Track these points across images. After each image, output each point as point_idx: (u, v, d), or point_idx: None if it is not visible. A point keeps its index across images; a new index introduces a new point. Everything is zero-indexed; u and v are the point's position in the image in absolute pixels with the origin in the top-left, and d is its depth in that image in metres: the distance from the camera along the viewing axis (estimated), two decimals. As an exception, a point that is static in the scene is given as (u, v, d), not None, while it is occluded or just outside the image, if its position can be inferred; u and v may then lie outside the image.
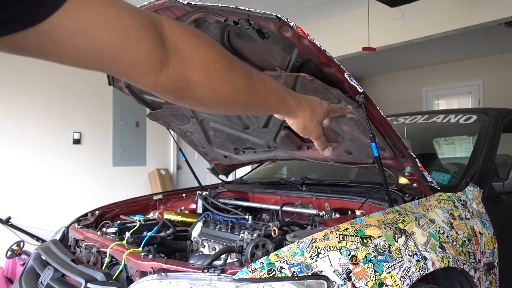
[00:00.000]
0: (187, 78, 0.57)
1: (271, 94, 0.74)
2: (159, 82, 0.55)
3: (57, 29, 0.42)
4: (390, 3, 3.92)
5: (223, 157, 2.57)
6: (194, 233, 1.96)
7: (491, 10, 4.04)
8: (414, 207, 1.63)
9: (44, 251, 1.81)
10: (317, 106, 0.87)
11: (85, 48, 0.46)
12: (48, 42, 0.43)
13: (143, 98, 2.26)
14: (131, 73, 0.52)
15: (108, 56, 0.48)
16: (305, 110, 0.84)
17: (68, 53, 0.46)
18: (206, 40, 0.60)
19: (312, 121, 0.86)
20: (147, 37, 0.51)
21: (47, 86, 4.67)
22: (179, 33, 0.56)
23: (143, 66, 0.52)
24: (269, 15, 1.26)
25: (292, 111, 0.82)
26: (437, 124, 2.56)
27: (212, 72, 0.60)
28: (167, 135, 5.60)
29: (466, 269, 1.59)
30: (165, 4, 1.41)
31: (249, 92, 0.68)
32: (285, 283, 1.12)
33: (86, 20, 0.44)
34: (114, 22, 0.47)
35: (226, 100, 0.65)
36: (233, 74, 0.64)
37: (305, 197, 2.09)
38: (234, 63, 0.65)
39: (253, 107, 0.73)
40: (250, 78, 0.68)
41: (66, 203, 4.67)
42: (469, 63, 7.18)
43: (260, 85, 0.71)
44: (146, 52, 0.51)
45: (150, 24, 0.52)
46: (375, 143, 1.50)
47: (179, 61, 0.56)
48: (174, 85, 0.57)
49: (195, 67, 0.58)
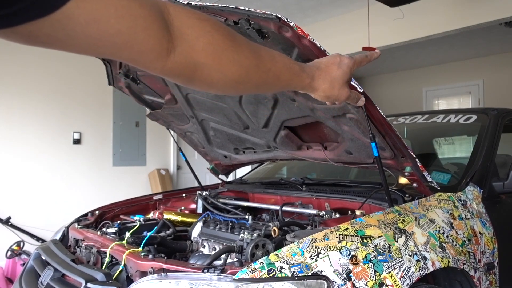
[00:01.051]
0: (194, 62, 0.59)
1: (282, 71, 0.73)
2: (167, 67, 0.57)
3: (70, 19, 0.44)
4: (390, 3, 3.92)
5: (223, 157, 2.57)
6: (194, 233, 1.96)
7: (491, 10, 4.04)
8: (414, 207, 1.63)
9: (44, 251, 1.81)
10: (335, 69, 0.84)
11: (97, 37, 0.47)
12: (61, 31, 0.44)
13: (143, 98, 2.26)
14: (140, 60, 0.54)
15: (119, 45, 0.50)
16: (322, 81, 0.82)
17: (80, 42, 0.47)
18: (212, 23, 0.61)
19: (333, 89, 0.83)
20: (153, 25, 0.52)
21: (47, 86, 4.67)
22: (185, 18, 0.58)
23: (150, 53, 0.54)
24: (269, 15, 1.26)
25: (308, 86, 0.80)
26: (437, 124, 2.56)
27: (219, 55, 0.61)
28: (167, 135, 5.60)
29: (466, 269, 1.59)
30: (165, 4, 1.41)
31: (259, 71, 0.68)
32: (285, 283, 1.12)
33: (98, 10, 0.46)
34: (123, 12, 0.48)
35: (236, 81, 0.66)
36: (240, 55, 0.64)
37: (305, 197, 2.09)
38: (241, 44, 0.65)
39: (265, 85, 0.73)
40: (258, 57, 0.68)
41: (66, 203, 4.67)
42: (469, 63, 7.18)
43: (271, 63, 0.70)
44: (154, 39, 0.53)
45: (156, 12, 0.53)
46: (375, 143, 1.50)
47: (185, 46, 0.57)
48: (182, 69, 0.59)
49: (201, 51, 0.59)
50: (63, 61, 4.70)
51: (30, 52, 4.38)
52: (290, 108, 1.83)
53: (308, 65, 0.81)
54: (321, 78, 0.81)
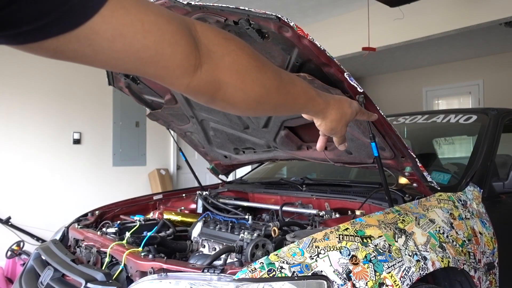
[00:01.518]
0: (219, 80, 0.58)
1: (300, 94, 0.74)
2: (192, 84, 0.56)
3: (96, 34, 0.44)
4: (390, 3, 3.92)
5: (223, 157, 2.57)
6: (194, 233, 1.96)
7: (491, 10, 4.04)
8: (414, 207, 1.63)
9: (44, 251, 1.81)
10: (347, 107, 0.86)
11: (123, 52, 0.47)
12: (88, 47, 0.45)
13: (143, 98, 2.26)
14: (166, 76, 0.54)
15: (145, 60, 0.50)
16: (334, 112, 0.83)
17: (106, 57, 0.47)
18: (237, 43, 0.61)
19: (340, 123, 0.85)
20: (181, 41, 0.52)
21: (47, 87, 4.67)
22: (211, 36, 0.57)
23: (177, 69, 0.53)
24: (269, 15, 1.26)
25: (321, 112, 0.81)
26: (437, 124, 2.56)
27: (243, 74, 0.61)
28: (167, 135, 5.60)
29: (466, 269, 1.59)
30: (165, 4, 1.41)
31: (280, 93, 0.68)
32: (285, 283, 1.12)
33: (124, 25, 0.46)
34: (150, 27, 0.48)
35: (257, 101, 0.66)
36: (264, 76, 0.64)
37: (305, 197, 2.09)
38: (265, 64, 0.65)
39: (283, 107, 0.73)
40: (280, 79, 0.68)
41: (66, 203, 4.67)
42: (469, 63, 7.18)
43: (290, 85, 0.71)
44: (181, 55, 0.52)
45: (184, 28, 0.53)
46: (375, 143, 1.50)
47: (211, 63, 0.57)
48: (207, 88, 0.58)
49: (226, 70, 0.59)
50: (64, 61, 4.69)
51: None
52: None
53: (323, 93, 0.82)
54: (335, 109, 0.83)
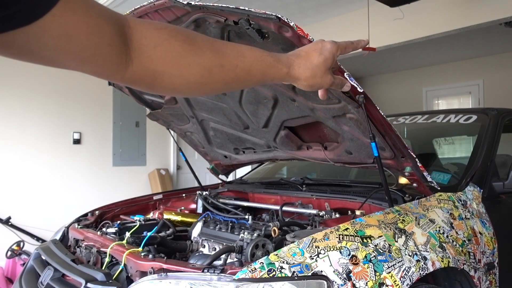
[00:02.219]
0: (153, 70, 0.61)
1: (253, 65, 0.72)
2: (126, 77, 0.59)
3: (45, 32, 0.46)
4: (390, 3, 3.92)
5: (223, 157, 2.57)
6: (194, 233, 1.96)
7: (491, 10, 4.04)
8: (414, 207, 1.63)
9: (44, 251, 1.81)
10: (316, 56, 0.80)
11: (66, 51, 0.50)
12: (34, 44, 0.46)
13: (143, 98, 2.26)
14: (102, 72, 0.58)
15: (84, 59, 0.53)
16: (302, 70, 0.78)
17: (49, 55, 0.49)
18: (169, 31, 0.63)
19: (315, 77, 0.80)
20: (117, 41, 0.55)
21: (47, 87, 4.67)
22: (143, 30, 0.60)
23: (112, 66, 0.57)
24: (269, 15, 1.26)
25: (287, 75, 0.77)
26: (437, 124, 2.56)
27: (177, 61, 0.63)
28: (167, 135, 5.60)
29: (466, 269, 1.59)
30: (165, 4, 1.41)
31: (225, 69, 0.68)
32: (285, 283, 1.12)
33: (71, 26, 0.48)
34: (93, 29, 0.51)
35: (199, 83, 0.67)
36: (201, 57, 0.65)
37: (305, 197, 2.09)
38: (202, 46, 0.66)
39: (236, 82, 0.72)
40: (222, 56, 0.68)
41: (66, 203, 4.67)
42: (469, 63, 7.18)
43: (238, 59, 0.70)
44: (116, 54, 0.56)
45: (119, 28, 0.56)
46: (375, 143, 1.50)
47: (143, 56, 0.60)
48: (141, 78, 0.61)
49: (159, 60, 0.61)
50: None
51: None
52: (290, 108, 1.83)
53: (286, 55, 0.78)
54: (301, 67, 0.78)
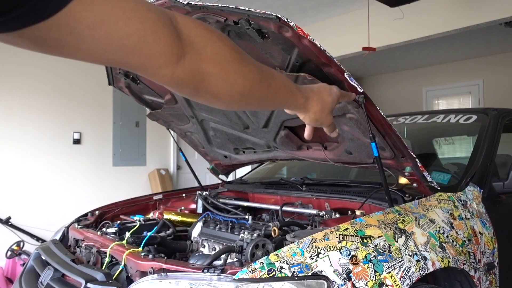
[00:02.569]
0: (202, 71, 0.59)
1: (281, 88, 0.74)
2: (176, 74, 0.56)
3: (77, 22, 0.44)
4: (390, 3, 3.92)
5: (223, 157, 2.57)
6: (194, 233, 1.96)
7: (491, 10, 4.04)
8: (414, 207, 1.63)
9: (44, 251, 1.81)
10: (327, 95, 0.87)
11: (105, 40, 0.47)
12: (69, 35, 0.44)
13: (143, 98, 2.26)
14: (149, 66, 0.53)
15: (127, 48, 0.49)
16: (315, 104, 0.84)
17: (88, 46, 0.47)
18: (218, 34, 0.62)
19: (322, 113, 0.86)
20: (163, 29, 0.52)
21: (47, 86, 4.67)
22: (193, 27, 0.58)
23: (160, 58, 0.53)
24: (269, 15, 1.26)
25: (302, 106, 0.82)
26: (437, 124, 2.56)
27: (226, 65, 0.61)
28: (167, 135, 5.60)
29: (466, 269, 1.59)
30: (165, 4, 1.41)
31: (261, 85, 0.69)
32: (285, 283, 1.12)
33: (105, 12, 0.46)
34: (132, 14, 0.48)
35: (241, 93, 0.66)
36: (246, 68, 0.65)
37: (305, 197, 2.09)
38: (245, 57, 0.66)
39: (266, 101, 0.73)
40: (261, 72, 0.69)
41: (66, 203, 4.67)
42: (469, 63, 7.18)
43: (271, 79, 0.72)
44: (164, 43, 0.52)
45: (165, 17, 0.53)
46: (375, 143, 1.50)
47: (194, 53, 0.57)
48: (190, 78, 0.58)
49: (209, 60, 0.59)
50: (63, 61, 4.69)
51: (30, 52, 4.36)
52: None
53: (303, 86, 0.83)
54: (315, 101, 0.84)
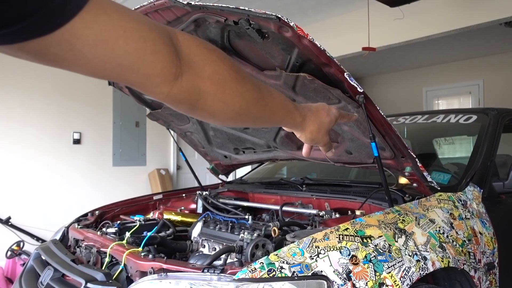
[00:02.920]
0: (199, 89, 0.59)
1: (279, 107, 0.75)
2: (173, 93, 0.57)
3: (77, 39, 0.44)
4: (390, 3, 3.92)
5: (223, 157, 2.57)
6: (194, 233, 1.96)
7: (491, 10, 4.04)
8: (414, 207, 1.63)
9: (44, 251, 1.81)
10: (325, 116, 0.87)
11: (104, 58, 0.47)
12: (69, 51, 0.45)
13: (143, 98, 2.26)
14: (146, 84, 0.54)
15: (126, 67, 0.50)
16: (312, 123, 0.84)
17: (87, 63, 0.47)
18: (218, 54, 0.62)
19: (319, 133, 0.86)
20: (163, 49, 0.53)
21: (47, 87, 4.67)
22: (193, 46, 0.58)
23: (158, 77, 0.53)
24: (269, 15, 1.26)
25: (299, 125, 0.83)
26: (437, 124, 2.56)
27: (223, 85, 0.62)
28: (167, 135, 5.60)
29: (466, 269, 1.59)
30: (165, 4, 1.41)
31: (258, 105, 0.69)
32: (285, 283, 1.12)
33: (106, 31, 0.46)
34: (132, 33, 0.49)
35: (237, 112, 0.66)
36: (243, 87, 0.65)
37: (305, 197, 2.09)
38: (244, 76, 0.66)
39: (262, 119, 0.74)
40: (259, 91, 0.69)
41: (66, 203, 4.67)
42: (469, 63, 7.18)
43: (269, 98, 0.72)
44: (162, 63, 0.53)
45: (166, 37, 0.54)
46: (375, 143, 1.50)
47: (192, 73, 0.57)
48: (187, 96, 0.59)
49: (207, 79, 0.59)
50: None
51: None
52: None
53: (301, 105, 0.83)
54: (312, 120, 0.84)
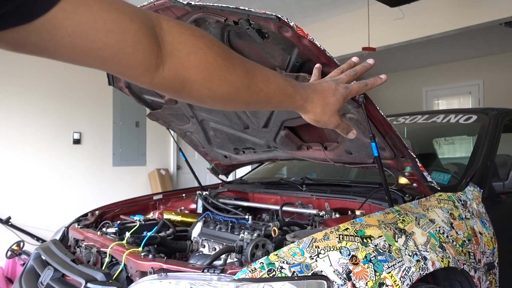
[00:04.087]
0: (183, 78, 0.59)
1: (275, 92, 0.73)
2: (155, 81, 0.57)
3: (57, 29, 0.44)
4: (390, 3, 3.92)
5: (223, 157, 2.57)
6: (194, 233, 1.96)
7: (491, 10, 4.04)
8: (414, 207, 1.63)
9: (44, 251, 1.81)
10: (330, 96, 0.83)
11: (84, 49, 0.47)
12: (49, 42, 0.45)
13: (143, 98, 2.26)
14: (127, 74, 0.55)
15: (106, 58, 0.50)
16: (315, 105, 0.81)
17: (67, 53, 0.47)
18: (206, 40, 0.61)
19: (324, 114, 0.83)
20: (144, 39, 0.52)
21: (47, 86, 4.67)
22: (177, 34, 0.58)
23: (138, 67, 0.54)
24: (269, 15, 1.26)
25: (300, 107, 0.80)
26: (437, 124, 2.56)
27: (210, 72, 0.61)
28: (167, 135, 5.60)
29: (466, 269, 1.59)
30: (165, 4, 1.41)
31: (250, 91, 0.69)
32: (285, 283, 1.12)
33: (86, 23, 0.46)
34: (113, 25, 0.48)
35: (225, 99, 0.66)
36: (232, 74, 0.64)
37: (305, 197, 2.09)
38: (235, 63, 0.65)
39: (255, 104, 0.73)
40: (251, 77, 0.68)
41: (66, 203, 4.67)
42: (469, 63, 7.18)
43: (263, 84, 0.71)
44: (143, 54, 0.53)
45: (148, 26, 0.53)
46: (375, 143, 1.50)
47: (175, 62, 0.57)
48: (170, 84, 0.59)
49: (191, 68, 0.59)
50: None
51: (30, 52, 4.38)
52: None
53: (304, 86, 0.81)
54: (315, 102, 0.81)
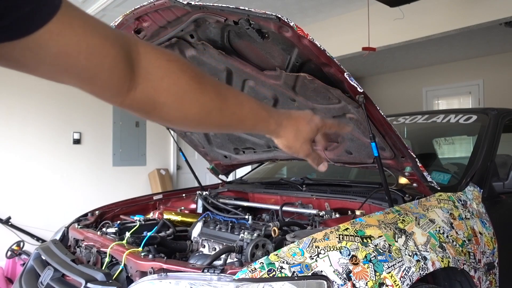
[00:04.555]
0: (154, 100, 0.61)
1: (248, 116, 0.75)
2: (126, 103, 0.59)
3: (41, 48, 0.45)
4: (390, 3, 3.92)
5: (223, 157, 2.57)
6: (194, 233, 1.96)
7: (491, 10, 4.04)
8: (414, 207, 1.63)
9: (44, 251, 1.81)
10: (303, 124, 0.84)
11: (64, 69, 0.49)
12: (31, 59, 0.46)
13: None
14: (100, 94, 0.57)
15: (83, 79, 0.52)
16: (288, 130, 0.82)
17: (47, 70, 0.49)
18: (180, 65, 0.63)
19: (296, 141, 0.84)
20: (119, 65, 0.54)
21: (47, 87, 4.67)
22: (153, 59, 0.60)
23: (111, 89, 0.56)
24: (269, 15, 1.26)
25: (273, 131, 0.82)
26: (437, 124, 2.56)
27: (181, 96, 0.63)
28: (167, 135, 5.60)
29: (466, 269, 1.59)
30: (165, 4, 1.41)
31: (222, 114, 0.70)
32: (285, 283, 1.12)
33: (70, 45, 0.47)
34: (94, 49, 0.50)
35: (196, 120, 0.67)
36: (205, 97, 0.66)
37: (305, 197, 2.09)
38: (207, 87, 0.67)
39: (228, 127, 0.75)
40: (224, 101, 0.69)
41: (66, 203, 4.67)
42: (469, 63, 7.18)
43: (236, 107, 0.72)
44: (118, 78, 0.55)
45: (126, 51, 0.55)
46: (375, 143, 1.50)
47: (148, 85, 0.59)
48: (140, 106, 0.61)
49: (163, 91, 0.61)
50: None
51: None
52: (290, 108, 1.83)
53: (279, 112, 0.83)
54: (288, 128, 0.83)
